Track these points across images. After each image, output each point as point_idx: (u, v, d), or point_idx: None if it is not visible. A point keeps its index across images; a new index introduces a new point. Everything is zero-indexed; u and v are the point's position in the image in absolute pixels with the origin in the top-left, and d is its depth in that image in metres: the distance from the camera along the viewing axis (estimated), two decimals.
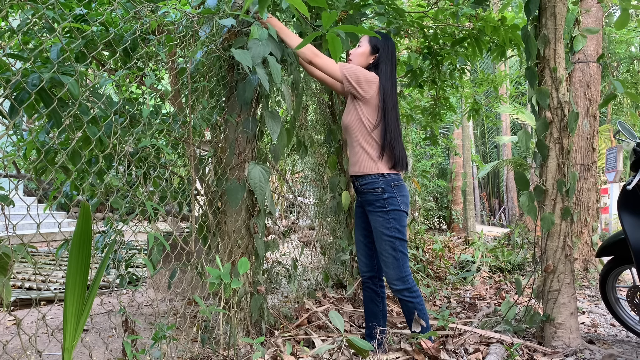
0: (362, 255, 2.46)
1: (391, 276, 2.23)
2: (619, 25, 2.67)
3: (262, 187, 2.22)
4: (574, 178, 2.56)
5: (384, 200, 2.22)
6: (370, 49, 2.35)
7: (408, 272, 2.24)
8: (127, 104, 2.13)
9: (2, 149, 1.65)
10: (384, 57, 2.34)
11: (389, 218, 2.22)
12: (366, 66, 2.35)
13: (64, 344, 1.36)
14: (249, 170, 2.23)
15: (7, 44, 2.16)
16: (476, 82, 5.67)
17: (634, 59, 12.76)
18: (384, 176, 2.24)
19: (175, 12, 2.15)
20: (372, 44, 2.36)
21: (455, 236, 9.14)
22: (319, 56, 2.23)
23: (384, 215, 2.22)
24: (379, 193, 2.23)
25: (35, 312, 3.12)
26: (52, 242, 7.08)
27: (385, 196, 2.22)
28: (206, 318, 2.35)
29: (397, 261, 2.22)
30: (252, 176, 2.21)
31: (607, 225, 7.24)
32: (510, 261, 5.13)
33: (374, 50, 2.35)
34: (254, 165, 2.24)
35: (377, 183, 2.24)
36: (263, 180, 2.22)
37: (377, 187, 2.24)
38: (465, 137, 9.77)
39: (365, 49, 2.36)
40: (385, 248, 2.22)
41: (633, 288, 2.68)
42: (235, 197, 2.25)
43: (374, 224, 2.27)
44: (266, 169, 2.25)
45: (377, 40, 2.36)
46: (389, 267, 2.23)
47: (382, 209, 2.22)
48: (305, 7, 1.48)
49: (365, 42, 2.38)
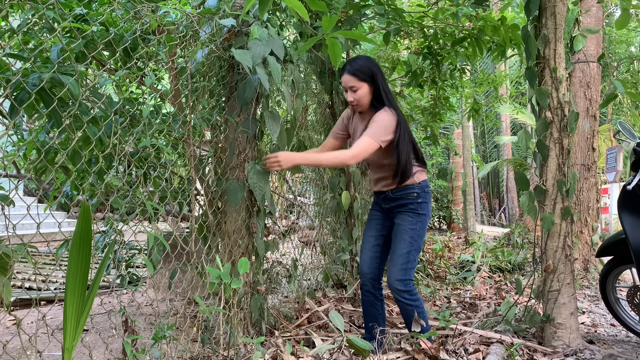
0: (368, 256, 2.41)
1: (395, 275, 2.21)
2: (619, 25, 2.67)
3: (261, 187, 2.22)
4: (574, 178, 2.56)
5: (418, 205, 2.30)
6: (367, 84, 2.26)
7: (412, 278, 2.24)
8: (127, 104, 2.13)
9: (2, 149, 1.65)
10: (379, 83, 2.28)
11: (418, 221, 2.28)
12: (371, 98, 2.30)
13: (64, 344, 1.36)
14: (248, 170, 2.23)
15: (7, 44, 2.16)
16: (476, 82, 5.67)
17: (634, 59, 12.76)
18: (419, 183, 2.33)
19: (175, 12, 2.15)
20: (365, 78, 2.26)
21: (455, 236, 9.14)
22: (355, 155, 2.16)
23: (414, 216, 2.28)
24: (414, 197, 2.31)
25: (35, 312, 3.12)
26: (52, 242, 7.08)
27: (420, 200, 2.30)
28: (206, 318, 2.35)
29: (406, 263, 2.22)
30: (251, 176, 2.22)
31: (607, 225, 7.24)
32: (510, 261, 5.13)
33: (369, 81, 2.26)
34: (254, 164, 2.24)
35: (412, 189, 2.31)
36: (262, 180, 2.23)
37: (413, 192, 2.31)
38: (465, 137, 9.77)
39: (365, 89, 2.27)
40: (402, 247, 2.24)
41: (633, 288, 2.68)
42: (235, 197, 2.26)
43: (400, 221, 2.29)
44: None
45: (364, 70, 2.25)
46: (396, 267, 2.22)
47: (414, 211, 2.29)
48: (305, 10, 1.48)
49: (356, 81, 2.26)
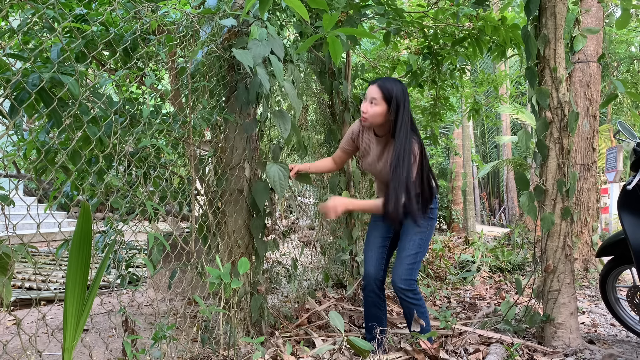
0: (374, 258, 2.40)
1: (400, 274, 2.22)
2: (619, 25, 2.67)
3: (282, 184, 2.29)
4: (574, 178, 2.55)
5: (430, 210, 2.31)
6: (387, 107, 2.15)
7: (416, 279, 2.25)
8: (127, 103, 2.13)
9: (2, 149, 1.65)
10: (400, 113, 2.13)
11: (428, 225, 2.30)
12: (384, 123, 2.20)
13: (64, 344, 1.36)
14: (267, 170, 2.29)
15: (7, 44, 2.16)
16: (476, 82, 5.67)
17: (634, 59, 12.76)
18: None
19: (175, 12, 2.15)
20: (388, 100, 2.14)
21: (455, 236, 9.14)
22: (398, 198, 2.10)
23: (424, 221, 2.29)
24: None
25: (35, 312, 3.12)
26: (52, 242, 7.08)
27: (432, 206, 2.31)
28: (206, 318, 2.35)
29: (413, 264, 2.23)
30: (271, 175, 2.28)
31: (607, 225, 7.24)
32: (510, 261, 5.12)
33: (391, 106, 2.15)
34: (272, 164, 2.30)
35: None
36: (283, 178, 2.30)
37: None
38: (465, 137, 9.77)
39: (382, 109, 2.15)
40: (410, 247, 2.24)
41: (633, 288, 2.68)
42: (261, 198, 2.34)
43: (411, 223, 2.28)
44: (285, 167, 2.33)
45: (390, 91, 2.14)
46: (402, 266, 2.22)
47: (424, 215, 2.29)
48: (305, 9, 1.47)
49: (380, 97, 2.14)
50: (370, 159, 2.35)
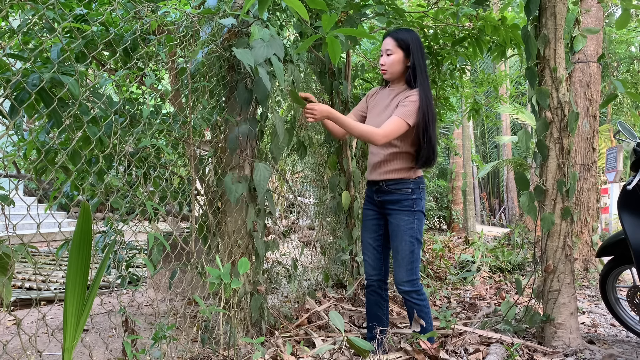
0: (370, 259, 2.40)
1: (401, 277, 2.21)
2: (619, 25, 2.67)
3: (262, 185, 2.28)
4: (574, 178, 2.56)
5: (413, 201, 2.22)
6: (403, 53, 2.20)
7: (418, 275, 2.23)
8: (127, 104, 2.13)
9: (2, 149, 1.65)
10: (417, 57, 2.19)
11: (414, 219, 2.22)
12: (403, 71, 2.23)
13: (64, 344, 1.36)
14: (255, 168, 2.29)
15: (7, 44, 2.16)
16: (476, 82, 5.67)
17: (634, 59, 12.76)
18: (415, 179, 2.26)
19: (175, 12, 2.15)
20: (403, 47, 2.19)
21: (455, 236, 9.14)
22: (386, 135, 2.10)
23: (410, 215, 2.22)
24: (409, 193, 2.23)
25: (35, 312, 3.12)
26: (52, 242, 7.08)
27: (415, 197, 2.23)
28: (206, 318, 2.35)
29: (411, 263, 2.20)
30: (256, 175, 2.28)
31: (607, 225, 7.24)
32: (511, 261, 5.12)
33: (407, 52, 2.20)
34: (258, 163, 2.30)
35: (407, 184, 2.23)
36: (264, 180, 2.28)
37: (407, 187, 2.23)
38: (465, 137, 9.76)
39: (399, 56, 2.21)
40: (404, 248, 2.20)
41: (633, 288, 2.68)
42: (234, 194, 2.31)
43: (396, 222, 2.23)
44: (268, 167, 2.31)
45: (404, 38, 2.19)
46: (402, 268, 2.21)
47: (409, 208, 2.22)
48: (305, 9, 1.47)
49: (394, 46, 2.20)
50: (377, 110, 2.31)
